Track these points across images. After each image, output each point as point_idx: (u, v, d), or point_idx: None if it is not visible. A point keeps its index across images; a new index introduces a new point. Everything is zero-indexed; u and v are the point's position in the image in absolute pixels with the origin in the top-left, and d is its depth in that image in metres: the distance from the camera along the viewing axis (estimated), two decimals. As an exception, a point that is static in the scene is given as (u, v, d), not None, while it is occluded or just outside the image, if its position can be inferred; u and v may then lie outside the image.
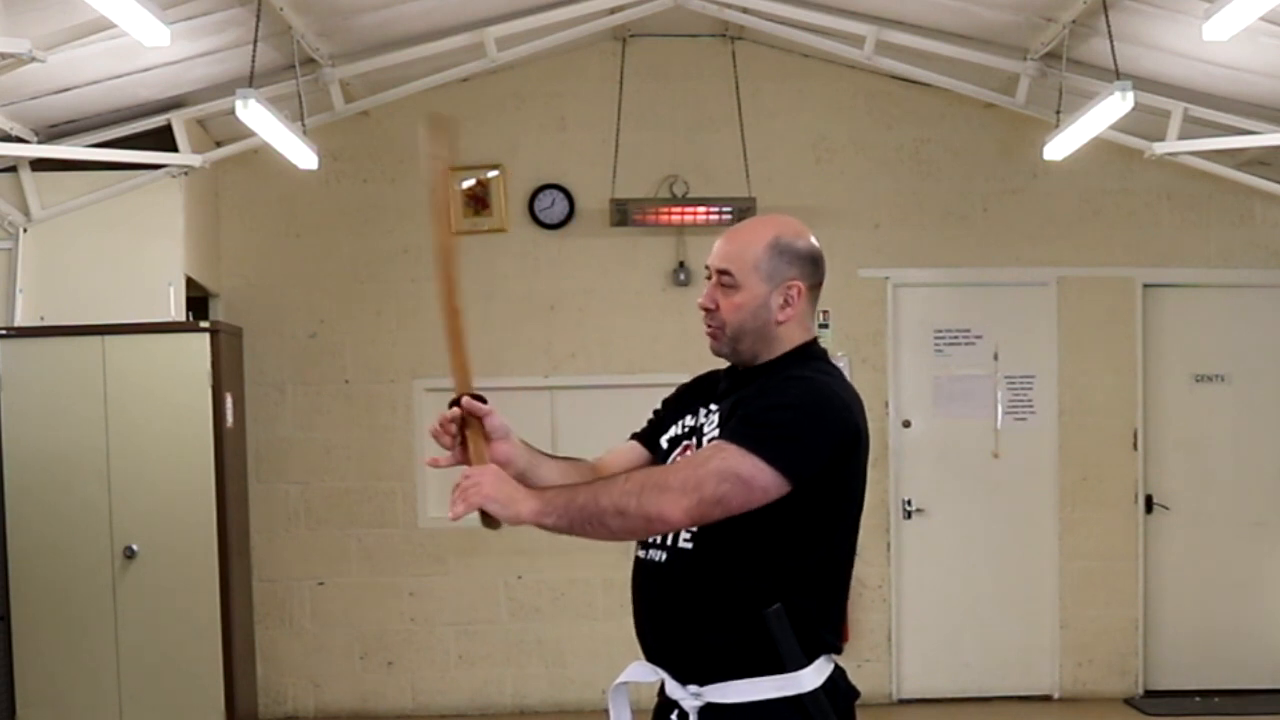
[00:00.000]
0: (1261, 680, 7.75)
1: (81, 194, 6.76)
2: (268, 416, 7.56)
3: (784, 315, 2.70)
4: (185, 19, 5.50)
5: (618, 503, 2.49)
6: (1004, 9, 6.24)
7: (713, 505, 2.50)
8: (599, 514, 2.50)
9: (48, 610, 6.60)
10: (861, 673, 7.51)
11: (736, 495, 2.50)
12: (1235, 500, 7.86)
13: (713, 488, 2.49)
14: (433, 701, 7.69)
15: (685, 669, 2.64)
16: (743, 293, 2.68)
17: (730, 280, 2.69)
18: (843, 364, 7.67)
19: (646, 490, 2.50)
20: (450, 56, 6.83)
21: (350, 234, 7.61)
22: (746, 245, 2.71)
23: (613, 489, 2.51)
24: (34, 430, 6.57)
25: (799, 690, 2.57)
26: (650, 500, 2.49)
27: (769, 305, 2.68)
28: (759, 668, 2.57)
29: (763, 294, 2.68)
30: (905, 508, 7.78)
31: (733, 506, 2.52)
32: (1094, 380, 7.75)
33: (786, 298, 2.69)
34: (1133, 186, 7.72)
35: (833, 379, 2.67)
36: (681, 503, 2.48)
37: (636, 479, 2.54)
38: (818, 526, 2.61)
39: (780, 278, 2.68)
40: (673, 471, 2.57)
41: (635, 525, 2.53)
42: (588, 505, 2.51)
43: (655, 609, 2.69)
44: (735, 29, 7.39)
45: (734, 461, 2.50)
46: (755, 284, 2.68)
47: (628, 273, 7.68)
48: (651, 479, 2.54)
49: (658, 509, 2.49)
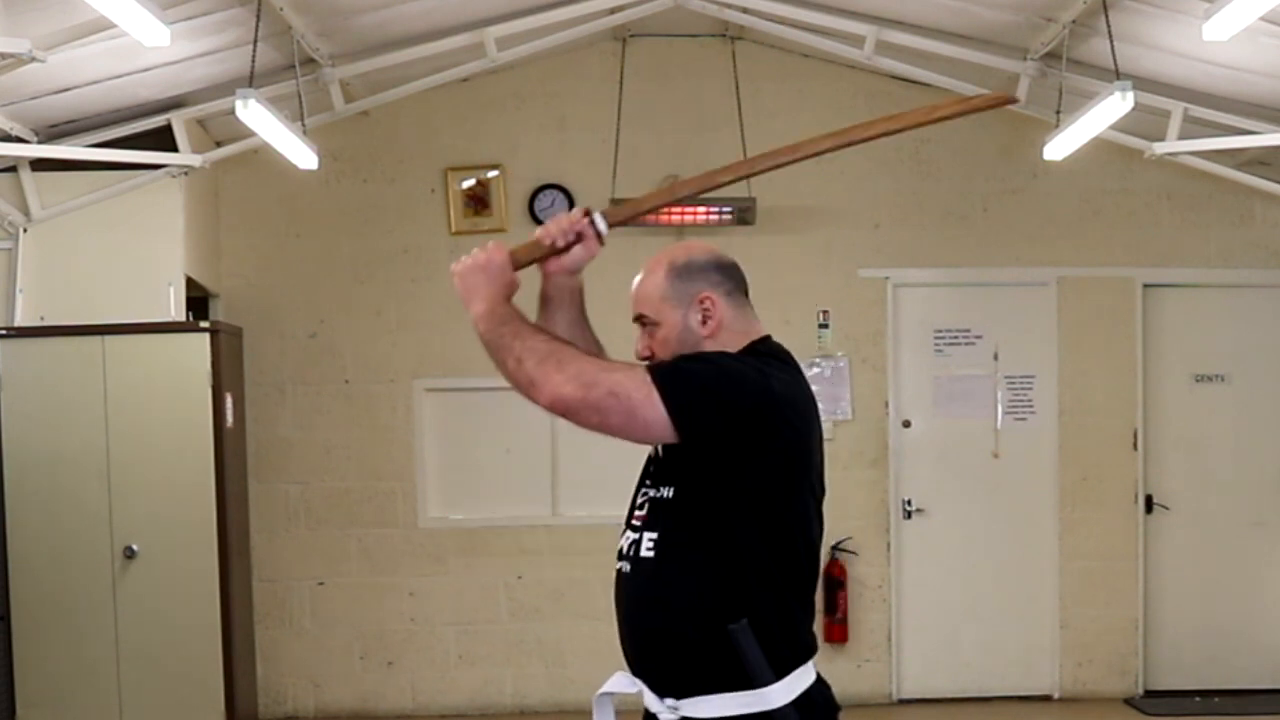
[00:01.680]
0: (1261, 680, 7.75)
1: (81, 194, 6.76)
2: (268, 416, 7.56)
3: (708, 329, 2.69)
4: (185, 19, 5.50)
5: (523, 352, 2.54)
6: (1004, 9, 6.24)
7: (589, 410, 2.50)
8: (508, 350, 2.56)
9: (48, 610, 6.60)
10: (861, 673, 7.62)
11: (617, 413, 2.49)
12: (1235, 500, 7.86)
13: (599, 395, 2.48)
14: (433, 701, 7.69)
15: (660, 682, 2.62)
16: (664, 327, 2.71)
17: (649, 320, 2.73)
18: (843, 364, 7.68)
19: (549, 359, 2.52)
20: (450, 56, 6.83)
21: (350, 234, 7.61)
22: (648, 283, 2.75)
23: (532, 340, 2.56)
24: (34, 430, 6.57)
25: (767, 707, 2.53)
26: (543, 368, 2.51)
27: (690, 326, 2.69)
28: (727, 683, 2.54)
29: (679, 319, 2.69)
30: (905, 508, 7.78)
31: (611, 424, 2.51)
32: (1094, 380, 7.76)
33: (703, 313, 2.69)
34: (1133, 186, 7.73)
35: (775, 370, 2.61)
36: (565, 388, 2.49)
37: (556, 345, 2.56)
38: (770, 523, 2.56)
39: (688, 296, 2.70)
40: (582, 359, 2.55)
41: (520, 380, 2.55)
42: (507, 337, 2.57)
43: (628, 620, 2.68)
44: (735, 29, 7.40)
45: (633, 384, 2.49)
46: (669, 313, 2.70)
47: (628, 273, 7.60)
48: (561, 354, 2.54)
49: (544, 377, 2.51)
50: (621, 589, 2.69)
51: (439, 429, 7.65)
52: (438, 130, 7.58)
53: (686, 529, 2.57)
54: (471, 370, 7.62)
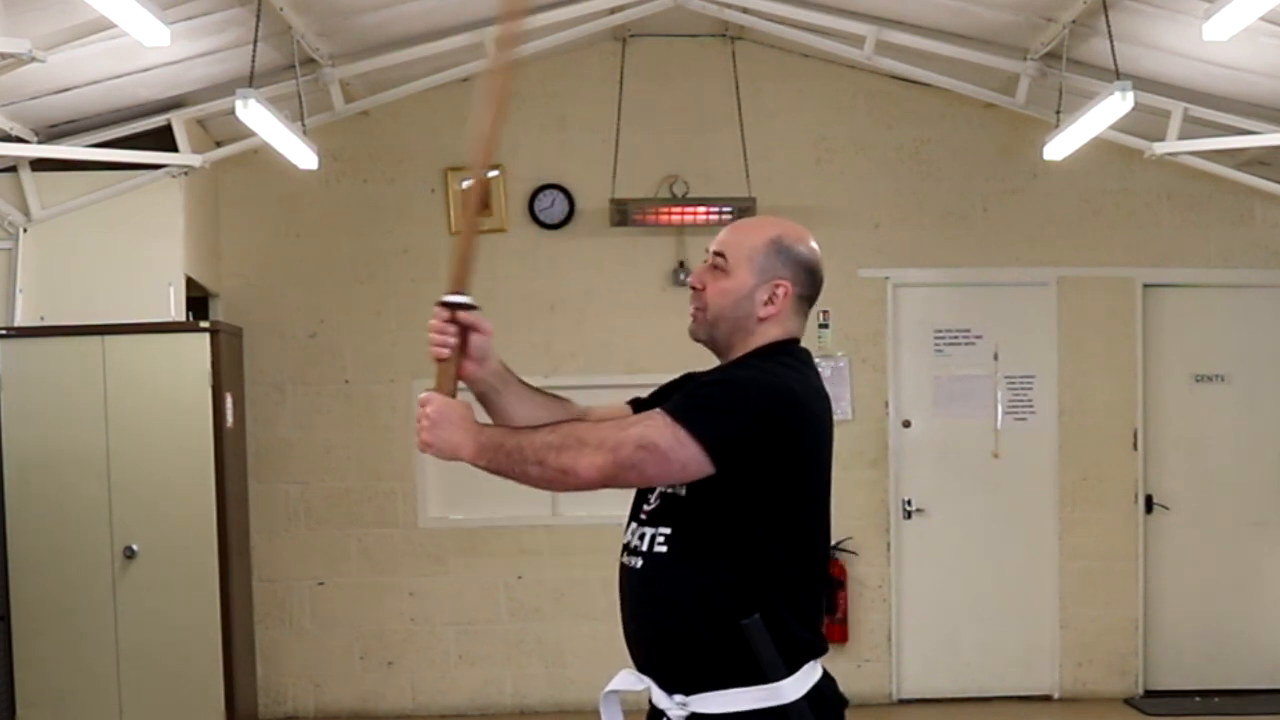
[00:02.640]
0: (1261, 680, 7.75)
1: (81, 194, 6.76)
2: (268, 416, 7.56)
3: (765, 312, 2.68)
4: (185, 19, 5.51)
5: (538, 452, 2.51)
6: (1004, 9, 6.24)
7: (627, 469, 2.49)
8: (522, 461, 2.53)
9: (48, 610, 6.60)
10: (861, 673, 7.61)
11: (652, 464, 2.49)
12: (1235, 500, 7.86)
13: (629, 453, 2.48)
14: (433, 701, 7.69)
15: (669, 678, 2.61)
16: (731, 279, 2.69)
17: (723, 263, 2.70)
18: (843, 364, 7.68)
19: (567, 444, 2.50)
20: (450, 56, 6.83)
21: (350, 234, 7.61)
22: (747, 236, 2.72)
23: (536, 437, 2.53)
24: (34, 430, 6.57)
25: (780, 701, 2.54)
26: (567, 455, 2.49)
27: (753, 298, 2.68)
28: (740, 678, 2.54)
29: (749, 285, 2.68)
30: (905, 508, 7.78)
31: (650, 475, 2.52)
32: (1094, 380, 7.76)
33: (771, 295, 2.68)
34: (1133, 186, 7.73)
35: (791, 370, 2.63)
36: (595, 460, 2.48)
37: (563, 430, 2.55)
38: (785, 522, 2.56)
39: (770, 274, 2.68)
40: (596, 429, 2.55)
41: (551, 476, 2.53)
42: (514, 452, 2.53)
43: (636, 617, 2.67)
44: (735, 29, 7.40)
45: (656, 431, 2.49)
46: (745, 274, 2.68)
47: (628, 273, 7.68)
48: (575, 434, 2.53)
49: (572, 463, 2.49)
50: (630, 584, 2.68)
51: (439, 429, 7.64)
52: (438, 130, 7.58)
53: (702, 525, 2.56)
54: (471, 370, 7.66)
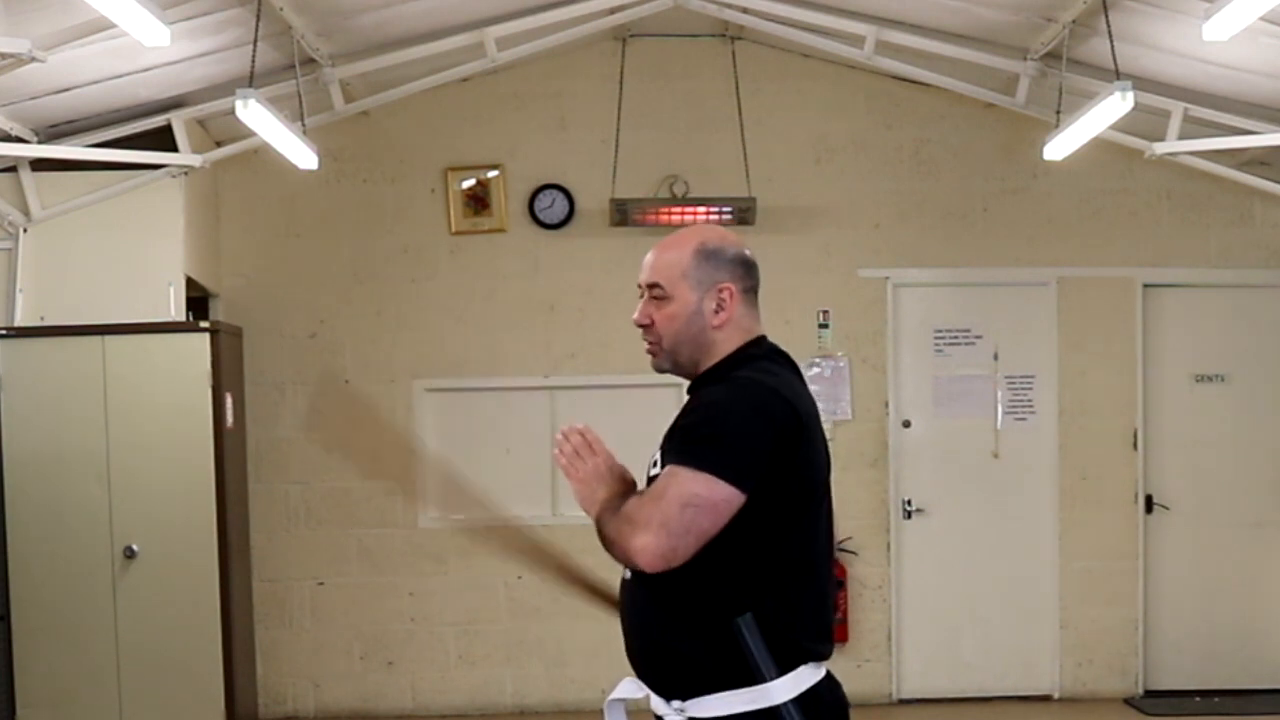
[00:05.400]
0: (1261, 680, 7.75)
1: (81, 194, 6.76)
2: (268, 416, 7.56)
3: (719, 319, 2.68)
4: (185, 19, 5.51)
5: (609, 531, 2.56)
6: (1004, 9, 6.24)
7: (684, 536, 2.48)
8: (605, 539, 2.58)
9: (48, 610, 6.60)
10: (861, 673, 7.61)
11: (703, 517, 2.48)
12: (1235, 500, 7.86)
13: (677, 516, 2.48)
14: (433, 701, 7.69)
15: (665, 684, 2.62)
16: (674, 303, 2.68)
17: (661, 292, 2.70)
18: (843, 364, 7.68)
19: (623, 524, 2.53)
20: (450, 56, 6.83)
21: (350, 234, 7.61)
22: (671, 255, 2.71)
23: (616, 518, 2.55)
24: (34, 430, 6.57)
25: (770, 702, 2.53)
26: (625, 535, 2.52)
27: (702, 311, 2.68)
28: (732, 680, 2.54)
29: (694, 301, 2.67)
30: (905, 508, 7.78)
31: (705, 529, 2.50)
32: (1094, 380, 7.75)
33: (719, 302, 2.68)
34: (1133, 186, 7.72)
35: (768, 375, 2.63)
36: (649, 542, 2.48)
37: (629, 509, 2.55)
38: (776, 524, 2.56)
39: (709, 282, 2.68)
40: (634, 509, 2.54)
41: (620, 557, 2.57)
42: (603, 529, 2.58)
43: (631, 625, 2.69)
44: (735, 29, 7.39)
45: (689, 485, 2.49)
46: (685, 292, 2.68)
47: (628, 273, 7.59)
48: (620, 516, 2.55)
49: (633, 545, 2.51)
50: (625, 593, 2.70)
51: (439, 429, 7.64)
52: (438, 130, 7.58)
53: None
54: (471, 370, 7.67)
